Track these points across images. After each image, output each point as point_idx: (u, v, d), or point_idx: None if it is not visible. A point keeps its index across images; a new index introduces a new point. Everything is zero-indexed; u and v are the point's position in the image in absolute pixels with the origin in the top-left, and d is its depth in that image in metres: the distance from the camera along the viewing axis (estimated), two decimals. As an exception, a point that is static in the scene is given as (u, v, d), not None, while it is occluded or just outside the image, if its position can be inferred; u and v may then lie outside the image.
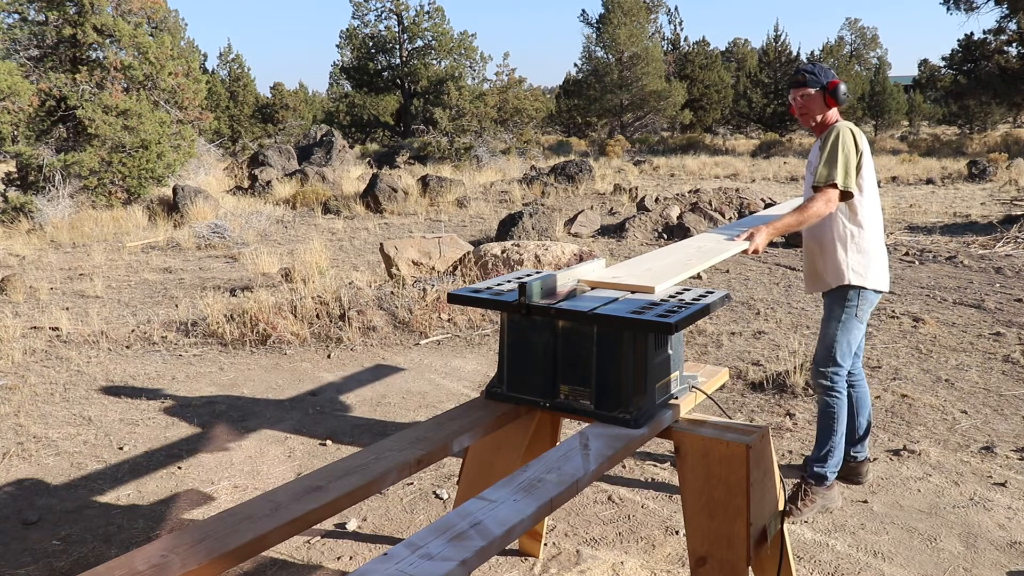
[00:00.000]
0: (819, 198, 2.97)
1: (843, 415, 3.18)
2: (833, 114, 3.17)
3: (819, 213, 2.97)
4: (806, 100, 3.14)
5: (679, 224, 10.60)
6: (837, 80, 3.12)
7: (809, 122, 3.19)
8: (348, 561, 2.95)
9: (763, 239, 2.94)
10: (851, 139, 3.03)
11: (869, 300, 3.14)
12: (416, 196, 14.29)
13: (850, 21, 56.28)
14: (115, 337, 5.97)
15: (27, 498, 3.48)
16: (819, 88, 3.12)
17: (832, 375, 3.15)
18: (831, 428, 3.18)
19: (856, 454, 3.42)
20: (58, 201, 12.27)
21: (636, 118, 36.02)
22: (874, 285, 3.12)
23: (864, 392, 3.38)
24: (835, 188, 2.97)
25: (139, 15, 14.14)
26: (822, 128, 3.17)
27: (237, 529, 1.73)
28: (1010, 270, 7.83)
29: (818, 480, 3.18)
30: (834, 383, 3.15)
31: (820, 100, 3.13)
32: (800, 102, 3.16)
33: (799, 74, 3.17)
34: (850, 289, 3.11)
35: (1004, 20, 26.55)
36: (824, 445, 3.19)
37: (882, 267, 3.17)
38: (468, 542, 1.61)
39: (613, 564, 2.87)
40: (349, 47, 32.57)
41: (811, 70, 3.15)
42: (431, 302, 6.21)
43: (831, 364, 3.14)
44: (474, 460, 2.71)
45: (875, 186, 3.15)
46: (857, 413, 3.37)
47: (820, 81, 3.12)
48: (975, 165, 17.75)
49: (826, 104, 3.14)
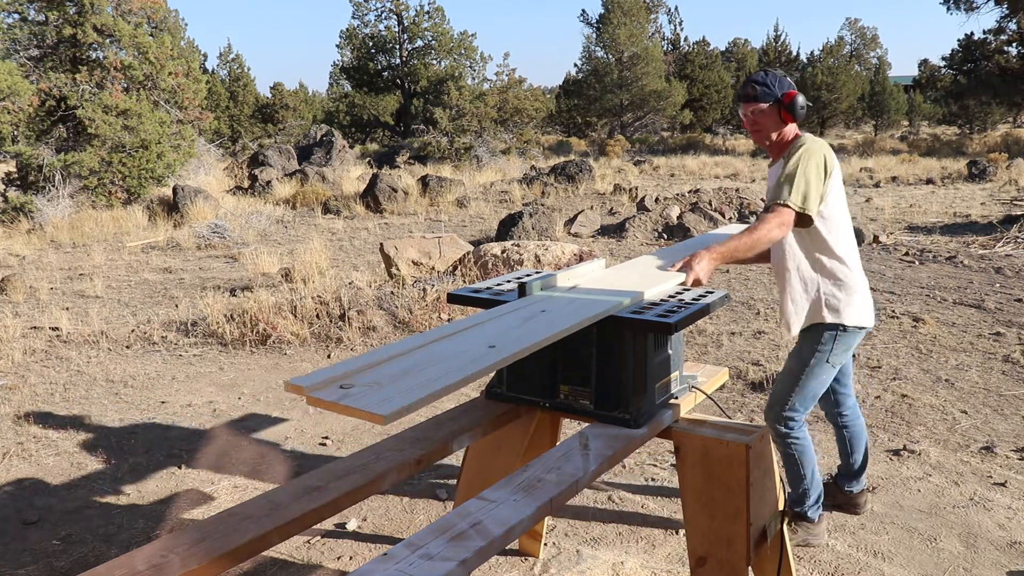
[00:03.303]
0: (770, 219, 2.50)
1: (809, 454, 2.80)
2: (791, 130, 2.71)
3: (770, 237, 2.51)
4: (758, 116, 2.67)
5: (679, 224, 10.60)
6: (794, 91, 2.65)
7: (763, 141, 2.73)
8: (348, 561, 2.95)
9: (705, 267, 2.48)
10: (820, 158, 2.58)
11: (846, 341, 2.71)
12: (416, 196, 14.29)
13: (850, 21, 56.23)
14: (115, 337, 5.97)
15: (27, 498, 3.48)
16: (773, 102, 2.65)
17: (788, 422, 2.73)
18: (799, 473, 2.80)
19: (851, 488, 3.10)
20: (58, 201, 12.27)
21: (636, 118, 36.02)
22: (855, 321, 2.68)
23: (859, 428, 3.01)
24: (789, 209, 2.52)
25: (139, 15, 14.14)
26: (780, 147, 2.72)
27: (237, 529, 1.73)
28: (1010, 270, 7.83)
29: (798, 519, 2.86)
30: (791, 429, 2.74)
31: (775, 115, 2.66)
32: (752, 118, 2.69)
33: (748, 86, 2.70)
34: (825, 330, 2.67)
35: (1004, 20, 26.55)
36: (797, 488, 2.85)
37: (864, 300, 2.72)
38: (468, 542, 1.61)
39: (613, 564, 2.87)
40: (349, 47, 32.57)
41: (762, 81, 2.68)
42: (431, 302, 6.21)
43: (787, 411, 2.72)
44: (474, 460, 2.71)
45: (847, 211, 2.73)
46: (852, 451, 3.02)
47: (774, 94, 2.65)
48: (975, 165, 17.74)
49: (782, 120, 2.67)
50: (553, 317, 2.10)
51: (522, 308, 2.19)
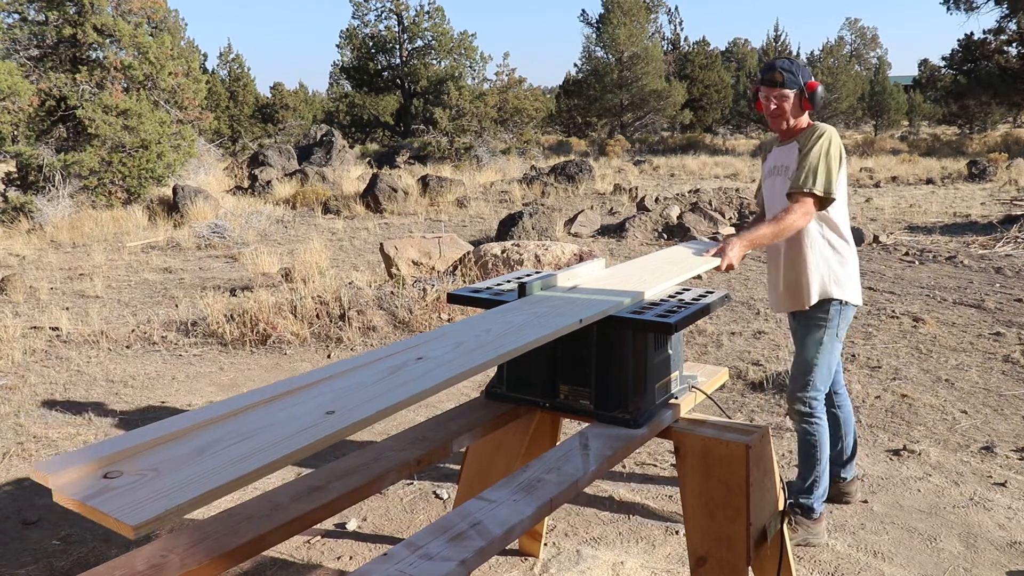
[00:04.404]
0: (796, 209, 2.68)
1: (826, 442, 2.93)
2: (806, 118, 2.88)
3: (797, 225, 2.69)
4: (782, 101, 2.81)
5: (679, 224, 10.60)
6: (816, 82, 2.82)
7: (780, 125, 2.87)
8: (348, 561, 2.95)
9: (737, 253, 2.61)
10: (838, 146, 2.76)
11: (848, 315, 2.88)
12: (416, 196, 14.29)
13: (850, 21, 56.28)
14: (115, 337, 5.97)
15: (27, 498, 3.48)
16: (797, 90, 2.81)
17: (811, 401, 2.88)
18: (814, 458, 2.92)
19: (844, 475, 3.19)
20: (58, 201, 12.27)
21: (636, 118, 36.03)
22: (853, 298, 2.87)
23: (849, 411, 3.16)
24: (811, 197, 2.70)
25: (139, 15, 14.15)
26: (792, 132, 2.88)
27: (237, 529, 1.73)
28: (1010, 270, 7.83)
29: (805, 512, 2.94)
30: (813, 410, 2.89)
31: (797, 103, 2.82)
32: (776, 103, 2.82)
33: (775, 71, 2.81)
34: (832, 305, 2.83)
35: (1004, 20, 26.56)
36: (808, 476, 2.94)
37: (857, 277, 2.93)
38: (468, 542, 1.61)
39: (613, 564, 2.87)
40: (349, 47, 32.58)
41: (788, 68, 2.80)
42: (431, 302, 6.21)
43: (810, 390, 2.87)
44: (474, 460, 2.71)
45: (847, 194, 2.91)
46: (844, 434, 3.13)
47: (798, 82, 2.80)
48: (975, 165, 17.74)
49: (801, 108, 2.84)
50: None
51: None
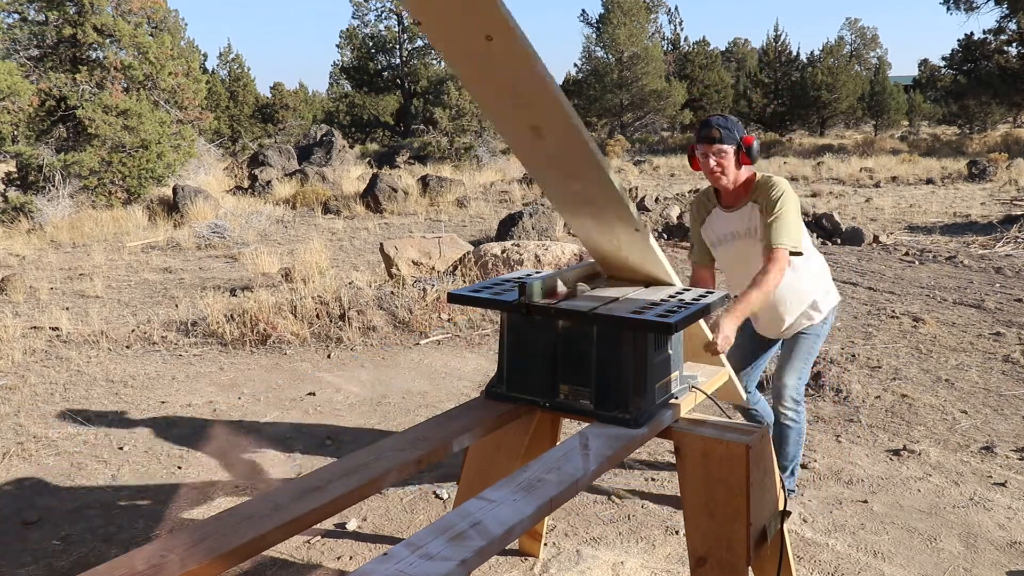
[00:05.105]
0: (774, 267, 2.71)
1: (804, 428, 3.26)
2: (746, 172, 2.86)
3: (777, 282, 2.74)
4: (721, 158, 2.78)
5: (679, 224, 10.60)
6: (752, 136, 2.80)
7: (721, 181, 2.83)
8: (348, 561, 2.95)
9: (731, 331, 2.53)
10: (794, 196, 2.80)
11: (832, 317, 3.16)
12: (416, 196, 14.29)
13: (850, 21, 56.32)
14: (115, 337, 5.97)
15: (27, 498, 3.48)
16: (735, 145, 2.79)
17: (801, 399, 3.19)
18: (799, 444, 3.24)
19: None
20: (58, 201, 12.27)
21: (636, 118, 36.01)
22: (834, 303, 3.13)
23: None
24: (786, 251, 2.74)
25: (139, 15, 14.15)
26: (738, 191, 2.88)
27: (237, 529, 1.73)
28: (1010, 270, 7.83)
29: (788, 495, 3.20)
30: (798, 403, 3.19)
31: (735, 158, 2.80)
32: (716, 159, 2.79)
33: (711, 128, 2.78)
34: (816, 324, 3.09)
35: (1004, 20, 26.57)
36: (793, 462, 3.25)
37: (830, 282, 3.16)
38: (468, 542, 1.61)
39: (613, 564, 2.87)
40: (349, 47, 32.60)
41: (725, 124, 2.78)
42: (431, 302, 6.21)
43: (800, 384, 3.17)
44: (474, 460, 2.71)
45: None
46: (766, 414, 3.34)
47: (735, 137, 2.78)
48: (975, 165, 17.74)
49: (739, 162, 2.80)
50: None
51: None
